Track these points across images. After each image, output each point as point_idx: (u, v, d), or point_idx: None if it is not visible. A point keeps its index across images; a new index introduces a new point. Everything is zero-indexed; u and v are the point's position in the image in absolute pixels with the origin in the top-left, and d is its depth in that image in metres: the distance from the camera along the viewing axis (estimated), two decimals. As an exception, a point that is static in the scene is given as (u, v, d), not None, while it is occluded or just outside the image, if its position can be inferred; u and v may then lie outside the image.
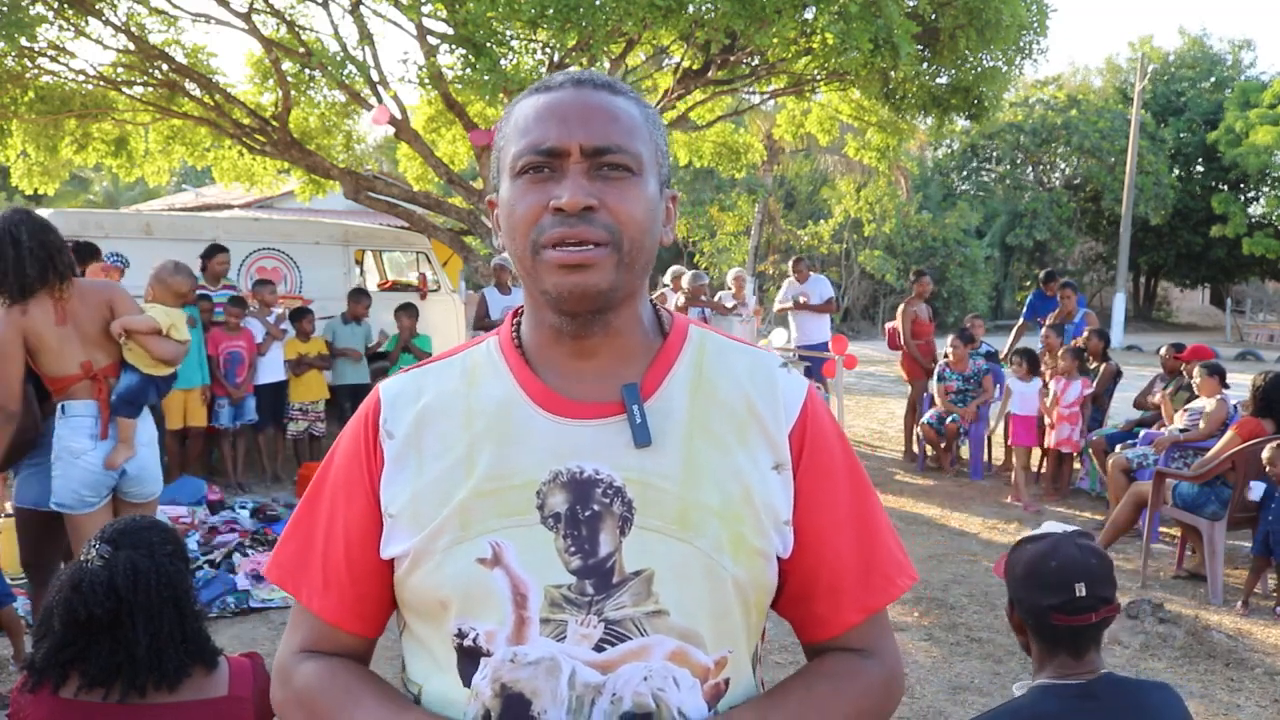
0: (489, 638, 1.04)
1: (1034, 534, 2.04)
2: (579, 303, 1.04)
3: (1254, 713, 3.92)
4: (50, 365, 3.60)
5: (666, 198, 1.14)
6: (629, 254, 1.05)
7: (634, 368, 1.11)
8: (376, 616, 1.17)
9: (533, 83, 1.19)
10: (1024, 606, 1.97)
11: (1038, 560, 1.95)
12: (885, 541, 1.18)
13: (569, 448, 1.07)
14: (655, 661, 1.04)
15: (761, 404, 1.12)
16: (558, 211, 1.02)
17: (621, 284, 1.06)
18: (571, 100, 1.06)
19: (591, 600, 1.03)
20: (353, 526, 1.13)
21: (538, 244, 1.04)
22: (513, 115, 1.10)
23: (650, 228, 1.08)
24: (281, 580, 1.19)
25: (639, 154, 1.06)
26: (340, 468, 1.16)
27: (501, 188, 1.10)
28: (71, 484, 3.63)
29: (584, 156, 1.04)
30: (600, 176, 1.04)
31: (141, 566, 1.84)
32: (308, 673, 1.14)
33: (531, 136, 1.05)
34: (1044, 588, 1.91)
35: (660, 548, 1.05)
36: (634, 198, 1.05)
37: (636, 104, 1.10)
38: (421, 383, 1.15)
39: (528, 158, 1.05)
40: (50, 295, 3.54)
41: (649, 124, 1.10)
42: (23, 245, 3.46)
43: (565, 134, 1.04)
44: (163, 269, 4.40)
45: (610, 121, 1.06)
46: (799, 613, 1.17)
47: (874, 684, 1.14)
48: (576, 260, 1.02)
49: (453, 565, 1.05)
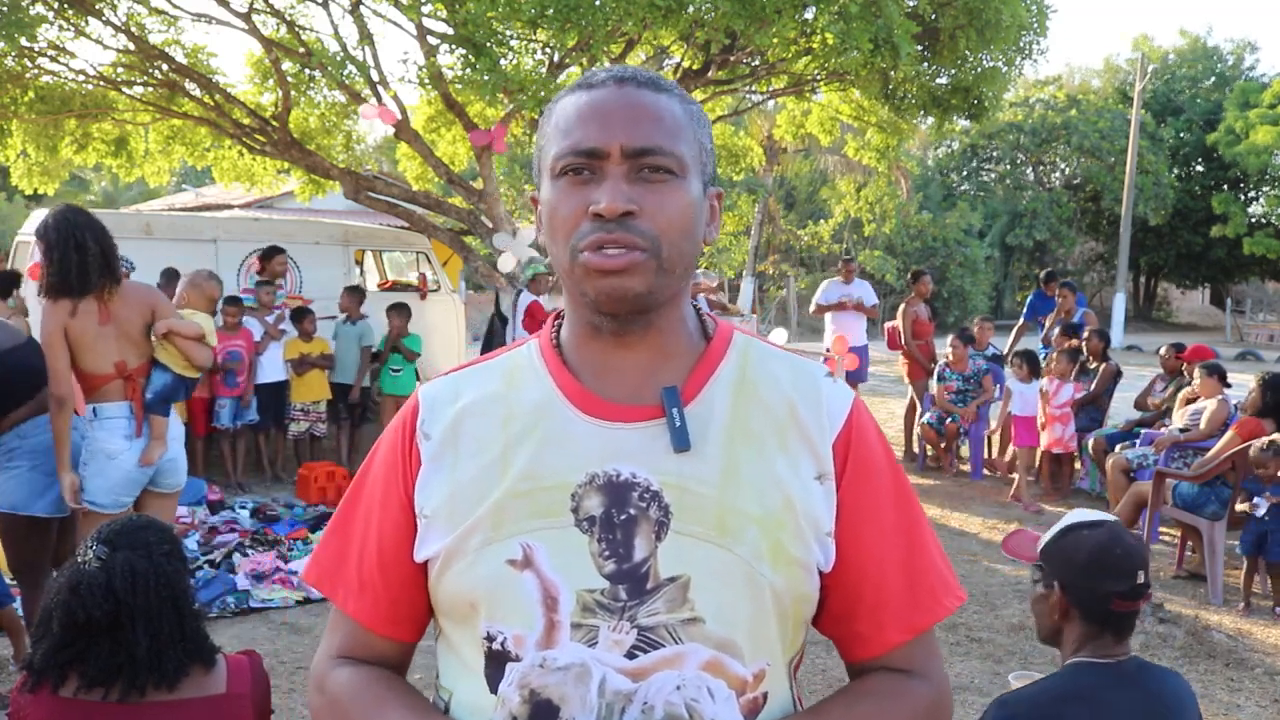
0: (518, 642, 1.03)
1: (1084, 520, 2.08)
2: (616, 305, 1.03)
3: (1254, 713, 3.92)
4: (87, 363, 3.65)
5: (710, 196, 1.11)
6: (668, 259, 1.03)
7: (675, 370, 1.10)
8: (412, 621, 1.16)
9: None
10: (1082, 591, 2.00)
11: (1104, 548, 2.00)
12: (933, 559, 1.15)
13: (606, 450, 1.05)
14: (689, 670, 1.01)
15: (805, 413, 1.10)
16: (596, 216, 1.01)
17: (660, 288, 1.04)
18: (613, 99, 1.04)
19: (624, 606, 1.01)
20: (387, 529, 1.12)
21: (576, 248, 1.02)
22: (554, 113, 1.08)
23: (691, 231, 1.06)
24: (319, 582, 1.18)
25: (681, 155, 1.04)
26: (377, 471, 1.16)
27: (542, 187, 1.09)
28: (110, 484, 3.67)
29: (624, 158, 1.02)
30: (641, 179, 1.02)
31: (139, 568, 1.84)
32: (341, 680, 1.13)
33: (572, 137, 1.03)
34: (1111, 575, 1.97)
35: (698, 554, 1.02)
36: (674, 202, 1.03)
37: (680, 101, 1.08)
38: (460, 385, 1.14)
39: (568, 159, 1.03)
40: (97, 296, 3.62)
41: (693, 122, 1.08)
42: (88, 250, 3.55)
43: (606, 135, 1.02)
44: (198, 275, 4.57)
45: (652, 121, 1.03)
46: (841, 630, 1.15)
47: (920, 706, 1.11)
48: (613, 266, 1.01)
49: (483, 566, 1.04)
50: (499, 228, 9.20)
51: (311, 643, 4.45)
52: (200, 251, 8.60)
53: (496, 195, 9.40)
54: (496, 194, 9.41)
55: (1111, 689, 1.91)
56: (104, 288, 3.62)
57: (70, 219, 3.60)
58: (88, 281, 3.57)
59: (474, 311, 15.39)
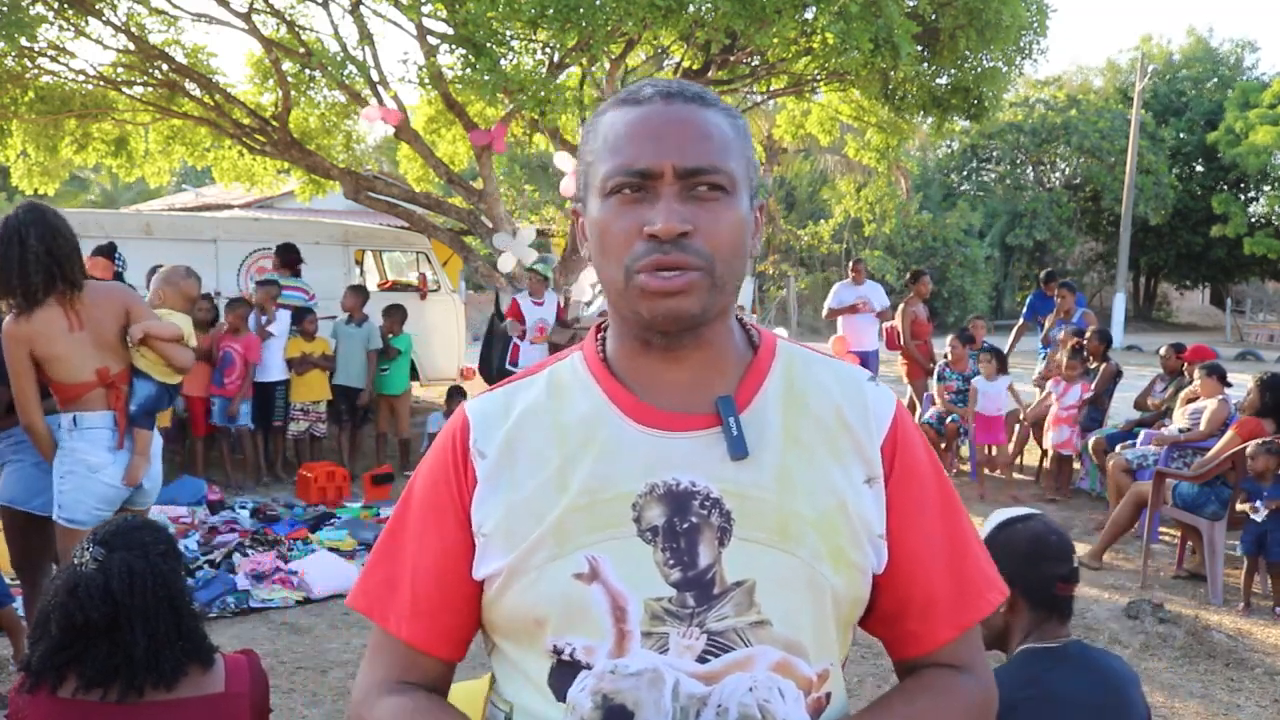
0: (588, 653, 1.03)
1: (1013, 515, 2.24)
2: (671, 324, 1.04)
3: (1254, 713, 3.92)
4: (63, 373, 3.40)
5: (755, 208, 1.12)
6: (721, 277, 1.04)
7: (726, 380, 1.10)
8: (463, 640, 1.16)
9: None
10: (1029, 579, 2.11)
11: (1039, 536, 2.17)
12: (975, 556, 1.17)
13: (664, 460, 1.05)
14: (760, 672, 1.02)
15: (853, 417, 1.11)
16: (651, 237, 1.01)
17: (714, 305, 1.05)
18: (663, 117, 1.04)
19: (693, 612, 1.02)
20: (444, 549, 1.12)
21: (632, 270, 1.02)
22: (600, 129, 1.08)
23: (742, 248, 1.06)
24: (369, 609, 1.17)
25: (732, 172, 1.04)
26: (427, 491, 1.15)
27: (590, 206, 1.08)
28: (88, 499, 3.44)
29: (677, 178, 1.01)
30: (694, 198, 1.02)
31: (137, 568, 1.83)
32: (390, 707, 1.12)
33: (623, 156, 1.03)
34: (1052, 559, 2.14)
35: (763, 558, 1.04)
36: (727, 220, 1.03)
37: (727, 116, 1.08)
38: (509, 401, 1.14)
39: (619, 178, 1.03)
40: (60, 302, 3.36)
41: (740, 137, 1.08)
42: (29, 247, 3.28)
43: (658, 154, 1.01)
44: (174, 272, 4.23)
45: (703, 140, 1.03)
46: (893, 630, 1.17)
47: (974, 700, 1.14)
48: (671, 289, 1.01)
49: (548, 582, 1.04)
50: (499, 228, 9.20)
51: (312, 642, 4.45)
52: (200, 251, 8.62)
53: (496, 195, 9.40)
54: (496, 194, 9.41)
55: (1057, 670, 2.04)
56: (63, 293, 3.34)
57: (19, 216, 3.34)
58: (28, 280, 3.28)
59: (474, 311, 15.40)
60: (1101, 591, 5.28)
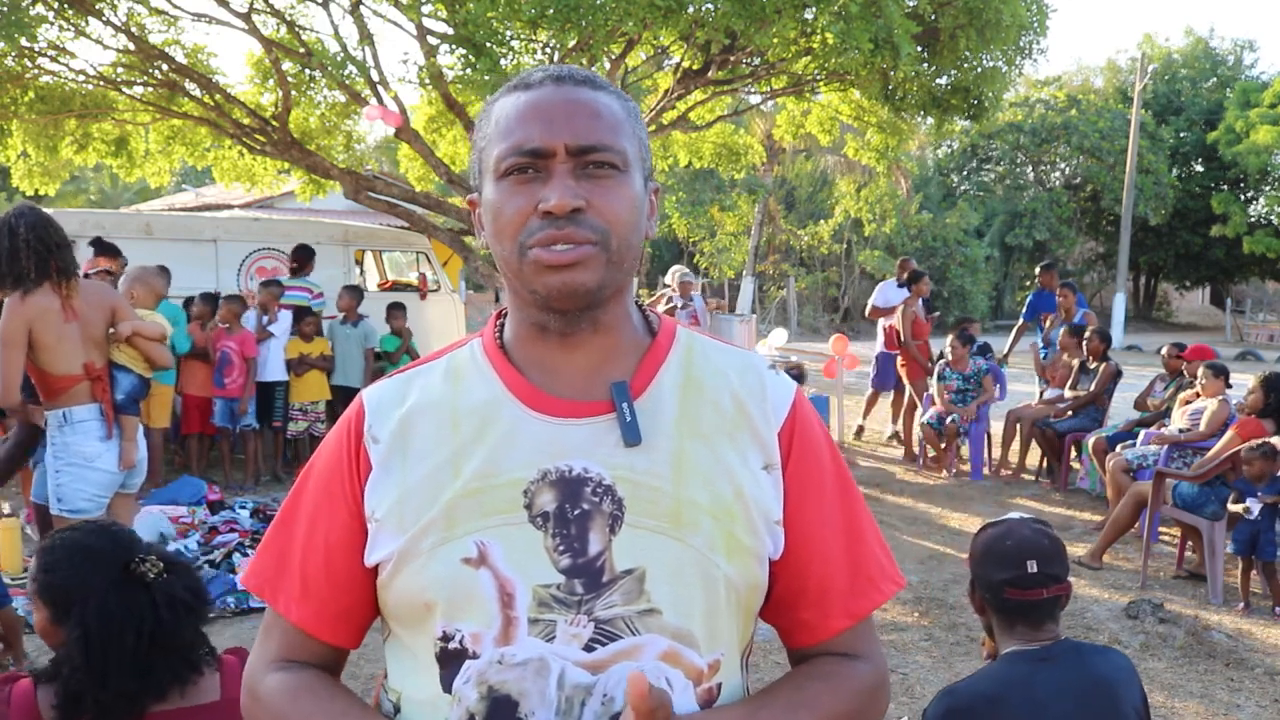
0: (475, 640, 1.03)
1: (993, 520, 2.25)
2: (568, 301, 1.04)
3: (1254, 713, 3.92)
4: (52, 363, 3.57)
5: (650, 191, 1.12)
6: (617, 253, 1.04)
7: (622, 366, 1.10)
8: (355, 627, 1.16)
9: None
10: (982, 583, 2.17)
11: (994, 540, 2.17)
12: (871, 546, 1.17)
13: (557, 446, 1.05)
14: (647, 661, 1.02)
15: (751, 404, 1.12)
16: (546, 214, 1.01)
17: (610, 282, 1.05)
18: (554, 98, 1.05)
19: (581, 599, 1.02)
20: (334, 534, 1.11)
21: (525, 245, 1.03)
22: (493, 114, 1.09)
23: (637, 225, 1.07)
24: (259, 588, 1.17)
25: (624, 150, 1.05)
26: (321, 476, 1.14)
27: (485, 189, 1.08)
28: (88, 488, 3.64)
29: (570, 156, 1.02)
30: (586, 175, 1.03)
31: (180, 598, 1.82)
32: (277, 683, 1.12)
33: (515, 137, 1.04)
34: (999, 564, 2.13)
35: (653, 546, 1.03)
36: (621, 196, 1.04)
37: (618, 98, 1.09)
38: (405, 388, 1.13)
39: (512, 159, 1.04)
40: (55, 291, 3.57)
41: (631, 118, 1.09)
42: (19, 235, 3.50)
43: (550, 134, 1.02)
44: (146, 271, 4.53)
45: (594, 118, 1.04)
46: (787, 619, 1.16)
47: (864, 685, 1.13)
48: (565, 260, 1.01)
49: (438, 566, 1.04)
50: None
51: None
52: (200, 251, 8.62)
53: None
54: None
55: (1040, 672, 2.04)
56: (58, 283, 3.57)
57: (10, 213, 3.59)
58: (18, 265, 3.50)
59: (474, 311, 15.39)
60: (1101, 591, 5.29)
